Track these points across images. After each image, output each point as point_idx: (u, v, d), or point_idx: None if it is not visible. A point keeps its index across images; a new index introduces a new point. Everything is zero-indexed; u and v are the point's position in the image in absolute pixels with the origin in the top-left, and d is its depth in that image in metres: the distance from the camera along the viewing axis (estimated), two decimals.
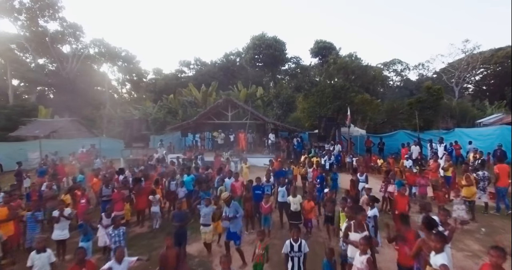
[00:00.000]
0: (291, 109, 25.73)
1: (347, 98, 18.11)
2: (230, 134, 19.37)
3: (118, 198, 7.80)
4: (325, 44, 26.71)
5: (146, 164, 13.20)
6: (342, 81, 18.44)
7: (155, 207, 8.21)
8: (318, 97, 18.86)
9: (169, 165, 12.46)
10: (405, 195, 7.28)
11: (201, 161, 14.46)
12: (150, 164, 13.08)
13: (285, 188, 7.95)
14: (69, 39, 43.56)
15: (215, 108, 19.38)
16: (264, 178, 8.55)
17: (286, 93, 24.34)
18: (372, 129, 25.22)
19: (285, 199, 7.67)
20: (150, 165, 12.89)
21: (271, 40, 24.92)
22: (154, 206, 8.22)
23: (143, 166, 12.43)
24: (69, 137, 22.64)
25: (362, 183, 8.53)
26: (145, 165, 12.91)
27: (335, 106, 17.99)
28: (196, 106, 30.82)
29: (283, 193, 7.85)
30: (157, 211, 8.28)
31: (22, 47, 40.90)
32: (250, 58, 25.40)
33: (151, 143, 23.29)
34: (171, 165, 12.28)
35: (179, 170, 11.13)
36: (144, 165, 12.58)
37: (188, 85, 32.91)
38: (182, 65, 51.98)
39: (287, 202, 7.38)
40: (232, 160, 14.81)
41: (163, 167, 12.27)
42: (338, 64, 19.02)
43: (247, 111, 18.22)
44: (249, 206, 7.46)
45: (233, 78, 41.52)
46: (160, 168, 11.86)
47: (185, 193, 8.74)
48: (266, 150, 18.74)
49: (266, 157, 17.74)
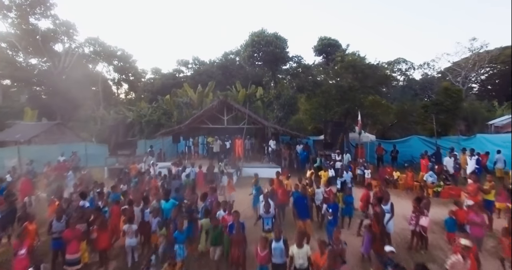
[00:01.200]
0: (293, 111, 23.84)
1: (356, 100, 16.19)
2: (226, 140, 17.50)
3: (71, 236, 5.96)
4: (330, 41, 24.74)
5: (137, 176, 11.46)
6: (350, 81, 16.52)
7: (130, 239, 6.47)
8: (323, 99, 16.94)
9: (152, 179, 10.58)
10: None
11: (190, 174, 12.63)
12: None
13: (283, 241, 5.24)
14: (61, 38, 41.80)
15: (209, 112, 17.53)
16: (261, 208, 6.69)
17: (288, 94, 22.45)
18: (380, 134, 23.31)
19: (282, 259, 5.14)
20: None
21: (272, 37, 23.02)
22: (130, 238, 6.48)
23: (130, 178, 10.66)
24: (52, 142, 20.84)
25: (387, 213, 6.63)
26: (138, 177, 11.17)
27: (342, 110, 16.06)
28: (192, 107, 29.00)
29: (280, 250, 5.13)
30: (133, 244, 6.54)
31: (12, 46, 39.19)
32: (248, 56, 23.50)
33: (141, 148, 21.53)
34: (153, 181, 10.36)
35: (162, 189, 9.33)
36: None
37: (184, 85, 31.06)
38: (180, 64, 50.18)
39: (286, 259, 5.06)
40: (226, 172, 13.00)
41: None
42: (346, 62, 17.09)
43: (244, 115, 16.36)
44: (239, 252, 5.57)
45: (232, 78, 39.67)
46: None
47: (158, 224, 6.89)
48: (266, 158, 16.88)
49: (265, 166, 15.90)
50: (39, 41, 38.77)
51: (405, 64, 41.54)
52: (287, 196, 8.57)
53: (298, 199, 6.89)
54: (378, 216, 6.12)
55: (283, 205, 8.41)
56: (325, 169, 12.31)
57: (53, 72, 39.57)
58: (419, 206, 6.71)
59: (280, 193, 8.27)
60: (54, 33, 41.12)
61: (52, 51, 41.43)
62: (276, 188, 8.44)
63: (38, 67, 41.97)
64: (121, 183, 9.73)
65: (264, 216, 6.60)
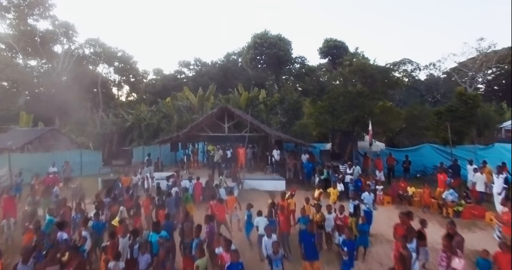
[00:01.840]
0: (297, 117, 22.83)
1: (365, 107, 15.13)
2: (228, 149, 16.53)
3: None
4: (336, 43, 23.73)
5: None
6: (359, 87, 15.47)
7: None
8: (330, 106, 15.88)
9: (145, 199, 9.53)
10: None
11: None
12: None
13: None
14: (60, 39, 41.06)
15: (209, 119, 16.56)
16: (267, 246, 5.71)
17: (292, 99, 21.46)
18: (388, 140, 22.18)
19: None
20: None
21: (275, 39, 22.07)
22: None
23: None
24: (46, 149, 20.01)
25: (412, 252, 5.60)
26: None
27: (351, 118, 15.01)
28: (192, 111, 28.08)
29: None
30: None
31: (10, 47, 38.52)
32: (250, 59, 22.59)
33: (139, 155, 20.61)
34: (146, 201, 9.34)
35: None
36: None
37: (184, 89, 30.14)
38: (182, 65, 49.33)
39: None
40: (224, 187, 12.02)
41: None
42: (354, 66, 16.05)
43: (246, 122, 15.38)
44: None
45: (234, 80, 38.72)
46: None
47: (147, 263, 5.92)
48: (269, 168, 15.90)
49: (269, 178, 14.92)
50: (38, 42, 38.10)
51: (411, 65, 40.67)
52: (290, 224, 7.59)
53: (305, 236, 5.88)
54: (404, 260, 5.12)
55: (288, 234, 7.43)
56: (333, 186, 11.31)
57: (52, 74, 38.87)
58: (450, 244, 5.70)
59: (283, 221, 7.29)
60: (53, 35, 40.44)
61: (51, 53, 40.74)
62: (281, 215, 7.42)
63: (37, 69, 41.28)
64: (103, 209, 8.55)
65: (273, 258, 5.61)
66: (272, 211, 8.03)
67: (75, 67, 40.22)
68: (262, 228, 7.37)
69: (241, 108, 25.43)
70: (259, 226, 7.44)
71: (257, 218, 7.64)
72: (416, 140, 22.03)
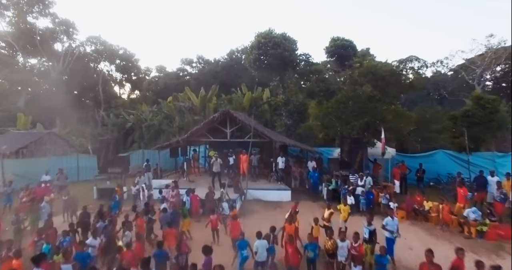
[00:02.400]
0: (302, 119, 21.87)
1: (377, 113, 14.13)
2: (230, 155, 15.68)
3: None
4: (343, 42, 22.64)
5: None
6: (370, 90, 14.48)
7: None
8: (338, 110, 14.90)
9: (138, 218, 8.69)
10: None
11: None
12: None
13: None
14: (61, 37, 40.34)
15: (210, 124, 15.70)
16: None
17: (297, 101, 20.51)
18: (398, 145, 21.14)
19: None
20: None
21: (280, 38, 21.04)
22: None
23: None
24: (43, 153, 19.33)
25: None
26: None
27: (361, 124, 14.03)
28: (194, 113, 27.26)
29: None
30: None
31: (10, 46, 37.89)
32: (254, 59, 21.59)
33: (138, 159, 19.87)
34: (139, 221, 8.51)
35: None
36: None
37: (185, 89, 29.27)
38: (184, 63, 48.31)
39: None
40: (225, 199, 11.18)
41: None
42: (365, 68, 15.04)
43: (250, 127, 14.50)
44: None
45: (238, 78, 37.71)
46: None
47: None
48: (273, 176, 15.03)
49: (273, 188, 14.06)
50: (38, 40, 37.41)
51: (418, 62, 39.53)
52: (301, 256, 6.71)
53: None
54: None
55: (297, 268, 6.56)
56: (343, 201, 10.40)
57: (53, 72, 38.22)
58: None
59: (292, 253, 6.41)
60: (53, 33, 39.74)
61: (51, 51, 40.03)
62: (289, 246, 6.53)
63: (37, 67, 40.65)
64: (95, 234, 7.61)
65: None
66: (271, 236, 7.22)
67: (76, 66, 39.45)
68: (262, 253, 6.56)
69: (245, 108, 24.55)
70: (258, 251, 6.61)
71: (256, 242, 6.78)
72: (427, 143, 20.97)
